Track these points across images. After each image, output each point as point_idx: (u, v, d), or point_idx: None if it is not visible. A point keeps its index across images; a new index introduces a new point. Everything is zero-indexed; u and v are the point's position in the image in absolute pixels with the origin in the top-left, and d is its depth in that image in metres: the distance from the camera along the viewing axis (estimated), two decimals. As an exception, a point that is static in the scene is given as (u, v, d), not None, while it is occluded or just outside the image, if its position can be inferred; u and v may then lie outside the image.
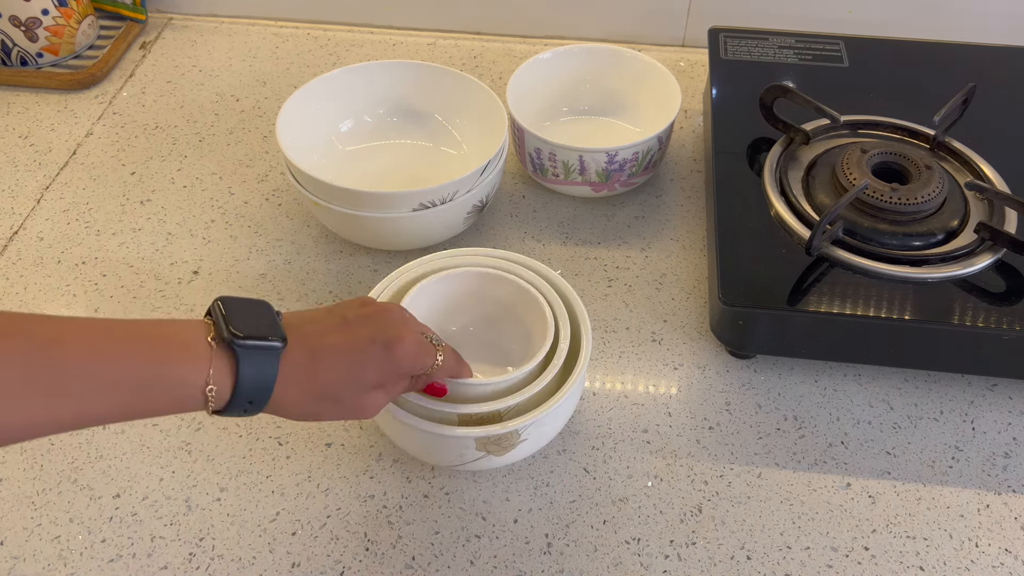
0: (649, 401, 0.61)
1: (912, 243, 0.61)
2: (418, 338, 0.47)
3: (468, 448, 0.51)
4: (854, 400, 0.61)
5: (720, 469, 0.57)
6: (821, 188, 0.65)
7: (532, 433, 0.51)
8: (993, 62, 0.78)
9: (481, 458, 0.51)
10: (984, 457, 0.58)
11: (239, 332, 0.40)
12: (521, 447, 0.52)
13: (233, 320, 0.41)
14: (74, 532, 0.54)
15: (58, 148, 0.81)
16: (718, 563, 0.52)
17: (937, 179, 0.63)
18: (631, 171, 0.71)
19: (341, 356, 0.43)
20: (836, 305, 0.58)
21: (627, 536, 0.54)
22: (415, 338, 0.46)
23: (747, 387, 0.62)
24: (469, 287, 0.58)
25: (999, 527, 0.54)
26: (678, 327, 0.65)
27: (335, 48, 0.93)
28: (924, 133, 0.69)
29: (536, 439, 0.53)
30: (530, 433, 0.51)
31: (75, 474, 0.57)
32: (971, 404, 0.61)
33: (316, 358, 0.43)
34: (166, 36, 0.94)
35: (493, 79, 0.88)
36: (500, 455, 0.51)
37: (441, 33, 0.95)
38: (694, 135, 0.81)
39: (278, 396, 0.42)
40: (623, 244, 0.71)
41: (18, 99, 0.86)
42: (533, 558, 0.53)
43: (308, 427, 0.59)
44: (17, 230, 0.73)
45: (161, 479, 0.56)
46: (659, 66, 0.75)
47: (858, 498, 0.55)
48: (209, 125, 0.83)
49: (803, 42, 0.79)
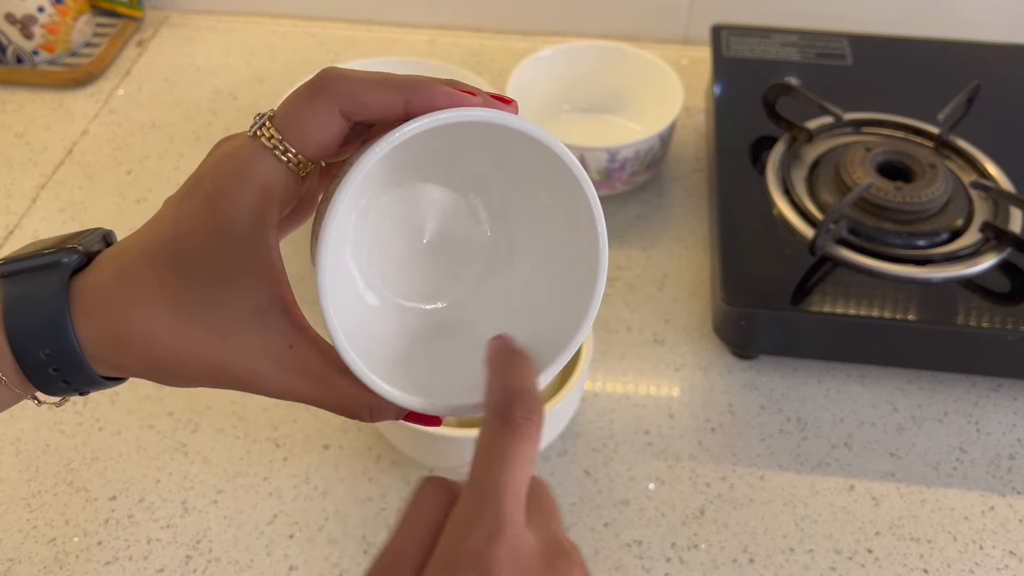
0: (651, 402, 0.60)
1: (916, 242, 0.60)
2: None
3: (467, 450, 0.50)
4: (858, 401, 0.60)
5: (722, 471, 0.56)
6: (824, 187, 0.64)
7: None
8: (998, 60, 0.77)
9: None
10: (989, 459, 0.57)
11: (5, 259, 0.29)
12: None
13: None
14: (70, 534, 0.53)
15: (54, 146, 0.80)
16: (720, 566, 0.52)
17: (941, 178, 0.62)
18: (632, 170, 0.70)
19: None
20: (840, 305, 0.57)
21: (628, 539, 0.53)
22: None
23: (750, 388, 0.61)
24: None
25: (1004, 529, 0.54)
26: (680, 328, 0.65)
27: (333, 45, 0.92)
28: (928, 131, 0.69)
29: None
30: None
31: (71, 476, 0.56)
32: (976, 405, 0.60)
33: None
34: (163, 33, 0.94)
35: (493, 76, 0.87)
36: None
37: (440, 30, 0.94)
38: (696, 133, 0.81)
39: (111, 340, 0.29)
40: (624, 243, 0.71)
41: (13, 97, 0.85)
42: (534, 561, 0.52)
43: (306, 429, 0.58)
44: (13, 229, 0.72)
45: (157, 481, 0.56)
46: (661, 64, 0.75)
47: (862, 500, 0.55)
48: (206, 123, 0.83)
49: (806, 39, 0.79)
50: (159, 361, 0.29)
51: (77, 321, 0.29)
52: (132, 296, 0.29)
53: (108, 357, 0.30)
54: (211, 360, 0.29)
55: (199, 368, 0.29)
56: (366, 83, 0.28)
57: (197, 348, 0.29)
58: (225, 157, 0.29)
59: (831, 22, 0.86)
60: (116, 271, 0.29)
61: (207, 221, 0.28)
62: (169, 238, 0.29)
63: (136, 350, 0.29)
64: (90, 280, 0.29)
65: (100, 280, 0.29)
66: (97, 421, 0.59)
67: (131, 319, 0.29)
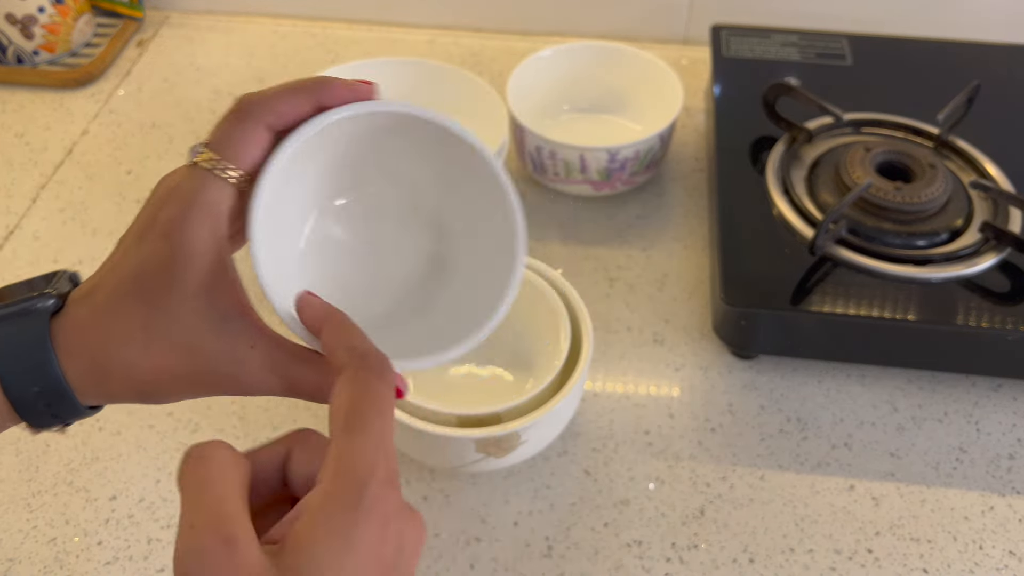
0: (651, 402, 0.60)
1: (916, 242, 0.61)
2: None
3: (468, 450, 0.50)
4: (858, 401, 0.60)
5: (722, 471, 0.56)
6: (824, 187, 0.64)
7: (532, 435, 0.51)
8: (998, 60, 0.77)
9: (481, 460, 0.51)
10: (989, 459, 0.57)
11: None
12: (522, 449, 0.51)
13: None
14: (70, 534, 0.53)
15: (54, 147, 0.80)
16: (720, 566, 0.52)
17: (941, 178, 0.62)
18: (632, 170, 0.70)
19: None
20: (839, 305, 0.57)
21: (628, 539, 0.53)
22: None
23: (750, 388, 0.61)
24: None
25: (1004, 529, 0.54)
26: (680, 328, 0.65)
27: (333, 45, 0.92)
28: (928, 131, 0.69)
29: (536, 441, 0.52)
30: (530, 435, 0.50)
31: (71, 476, 0.56)
32: (976, 405, 0.60)
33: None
34: (163, 33, 0.94)
35: (493, 77, 0.87)
36: (500, 457, 0.51)
37: (440, 30, 0.94)
38: (696, 133, 0.81)
39: (93, 375, 0.32)
40: (624, 243, 0.71)
41: (14, 97, 0.85)
42: (533, 561, 0.52)
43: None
44: (13, 229, 0.72)
45: (158, 481, 0.56)
46: (661, 64, 0.75)
47: (862, 500, 0.55)
48: (206, 123, 0.83)
49: (806, 39, 0.79)
50: (141, 384, 0.32)
51: (63, 361, 0.32)
52: (108, 334, 0.32)
53: (93, 389, 0.33)
54: (185, 373, 0.32)
55: (176, 382, 0.32)
56: (279, 94, 0.32)
57: (171, 365, 0.32)
58: (171, 190, 0.32)
59: (831, 22, 0.86)
60: (91, 312, 0.32)
61: (165, 253, 0.31)
62: (134, 276, 0.32)
63: (119, 379, 0.32)
64: (67, 322, 0.32)
65: (77, 322, 0.32)
66: (97, 421, 0.59)
67: (111, 354, 0.32)
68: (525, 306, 0.56)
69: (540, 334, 0.54)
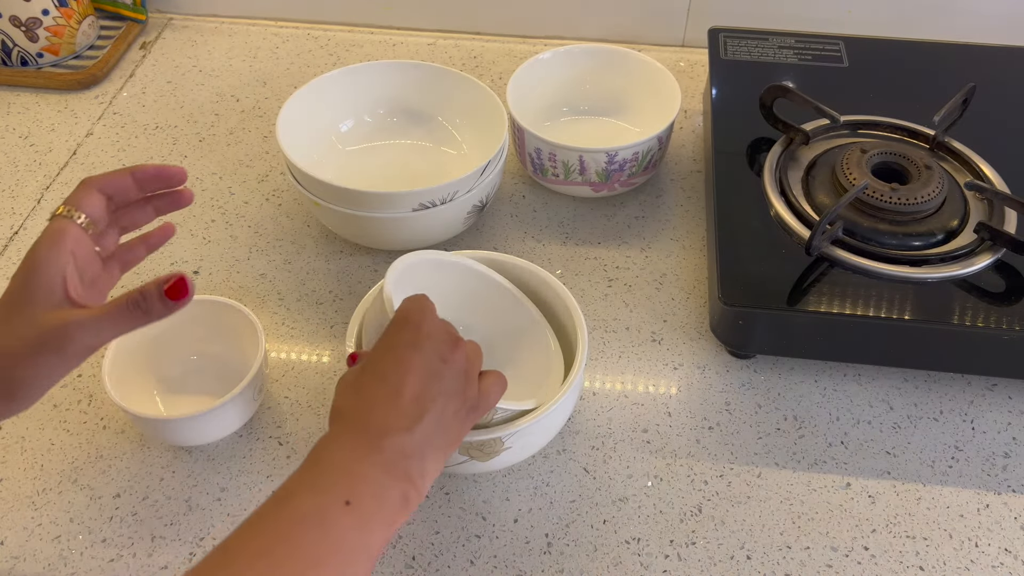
0: (649, 401, 0.61)
1: (912, 243, 0.61)
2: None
3: (467, 450, 0.50)
4: (854, 400, 0.61)
5: (720, 469, 0.57)
6: (821, 188, 0.65)
7: (516, 442, 0.51)
8: (993, 62, 0.78)
9: (464, 462, 0.51)
10: (984, 457, 0.58)
11: None
12: (506, 455, 0.51)
13: None
14: (74, 532, 0.54)
15: (58, 148, 0.81)
16: (718, 563, 0.52)
17: (937, 179, 0.63)
18: (631, 171, 0.71)
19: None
20: (836, 305, 0.58)
21: (627, 536, 0.54)
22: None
23: (747, 387, 0.62)
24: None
25: (999, 527, 0.54)
26: (678, 327, 0.65)
27: (335, 48, 0.93)
28: (924, 133, 0.69)
29: (521, 448, 0.52)
30: (513, 442, 0.51)
31: (75, 474, 0.57)
32: (971, 404, 0.61)
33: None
34: (166, 36, 0.94)
35: (493, 79, 0.88)
36: (484, 461, 0.51)
37: (441, 33, 0.95)
38: (694, 135, 0.81)
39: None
40: (623, 244, 0.72)
41: (18, 99, 0.86)
42: (533, 558, 0.53)
43: (308, 427, 0.59)
44: (17, 230, 0.73)
45: (161, 479, 0.56)
46: (659, 66, 0.76)
47: (858, 498, 0.55)
48: (209, 125, 0.83)
49: (803, 42, 0.79)
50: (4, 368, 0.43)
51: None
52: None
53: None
54: (32, 343, 0.42)
55: (28, 352, 0.42)
56: (106, 174, 0.49)
57: (26, 348, 0.43)
58: (43, 232, 0.46)
59: (827, 25, 0.87)
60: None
61: (27, 274, 0.44)
62: (8, 289, 0.45)
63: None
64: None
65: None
66: (101, 420, 0.60)
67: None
68: (521, 318, 0.56)
69: (532, 351, 0.55)
